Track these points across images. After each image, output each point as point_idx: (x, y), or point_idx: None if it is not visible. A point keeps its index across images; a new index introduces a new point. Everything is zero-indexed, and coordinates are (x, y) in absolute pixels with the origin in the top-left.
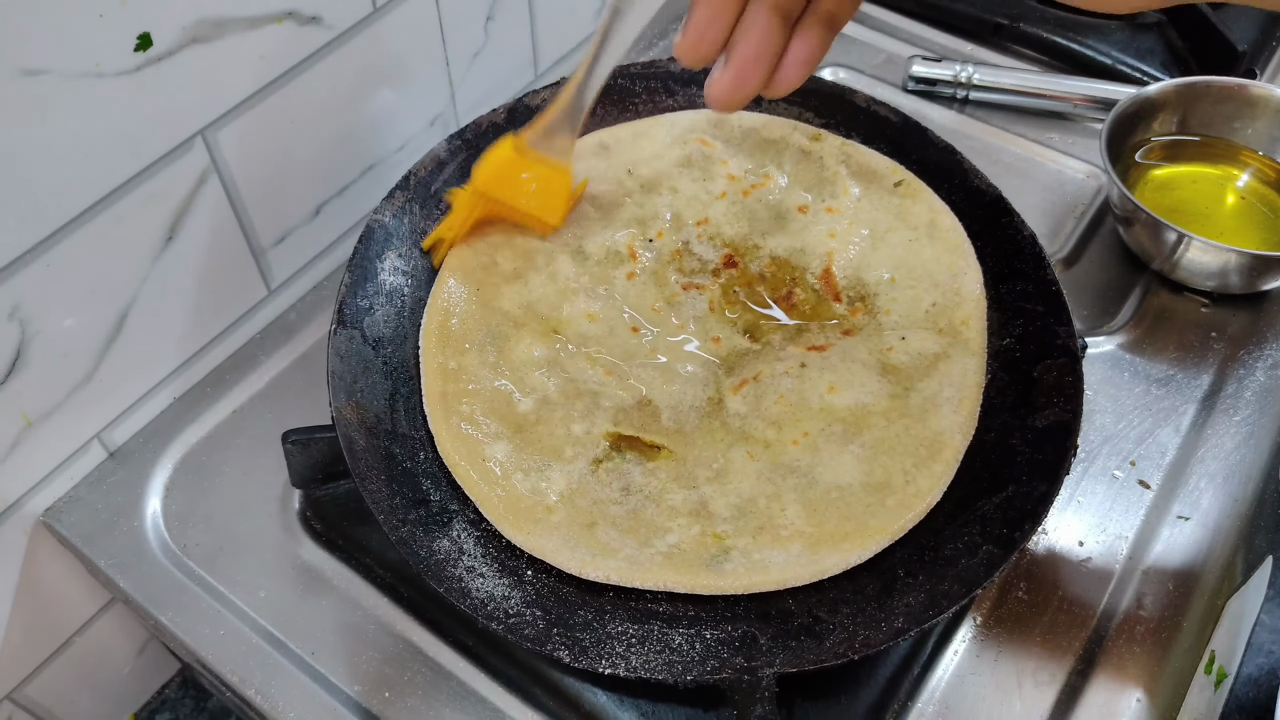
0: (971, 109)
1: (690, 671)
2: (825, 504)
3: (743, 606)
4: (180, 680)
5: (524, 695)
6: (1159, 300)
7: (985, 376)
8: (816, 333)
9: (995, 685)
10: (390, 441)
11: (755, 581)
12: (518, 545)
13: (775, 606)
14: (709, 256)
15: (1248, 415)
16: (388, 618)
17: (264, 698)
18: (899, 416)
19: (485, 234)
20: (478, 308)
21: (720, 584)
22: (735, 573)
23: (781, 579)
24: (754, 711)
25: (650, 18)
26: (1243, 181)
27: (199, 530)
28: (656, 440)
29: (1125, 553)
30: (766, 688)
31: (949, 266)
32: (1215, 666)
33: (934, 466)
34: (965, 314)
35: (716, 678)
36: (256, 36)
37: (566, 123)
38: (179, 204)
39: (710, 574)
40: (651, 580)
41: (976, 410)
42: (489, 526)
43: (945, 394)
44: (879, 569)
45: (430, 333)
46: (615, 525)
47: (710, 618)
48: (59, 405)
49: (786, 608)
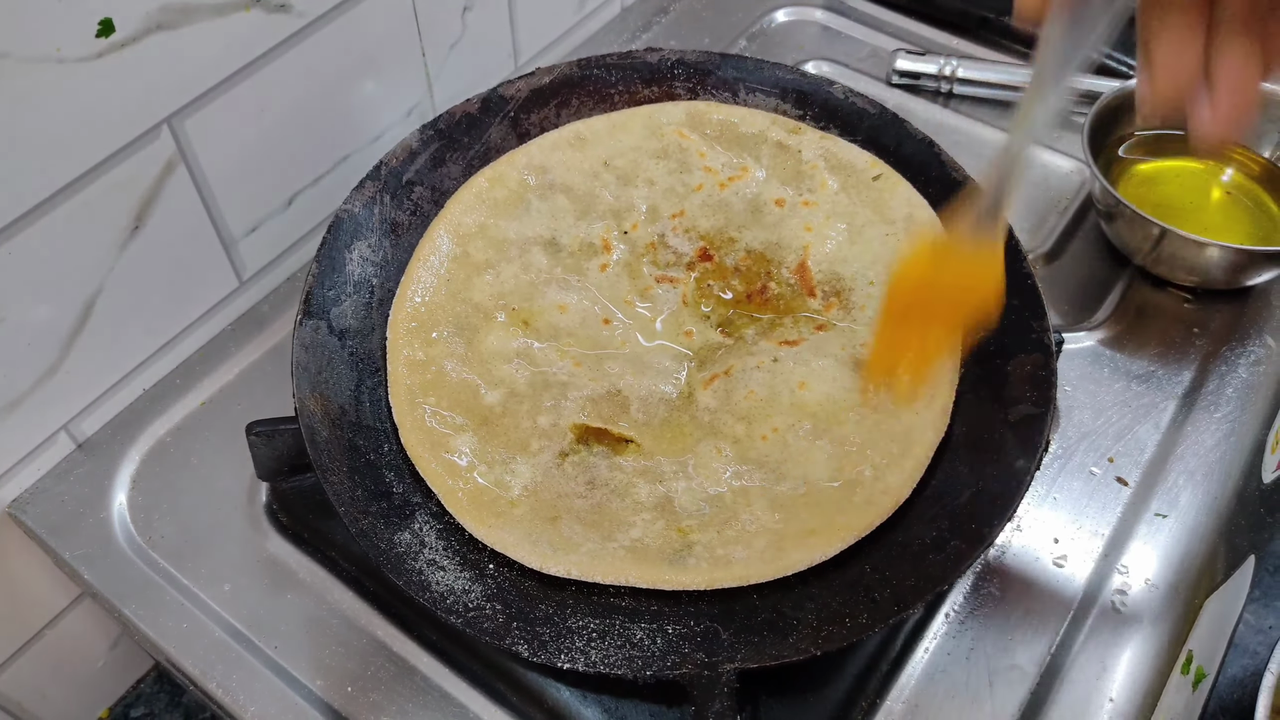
0: (956, 103)
1: (650, 666)
2: (793, 500)
3: (706, 602)
4: (155, 675)
5: (488, 691)
6: (1141, 296)
7: (958, 372)
8: (790, 327)
9: (966, 683)
10: (354, 433)
11: (717, 577)
12: (479, 539)
13: (740, 602)
14: (684, 249)
15: (1229, 412)
16: (352, 612)
17: (226, 691)
18: (870, 412)
19: (462, 228)
20: (447, 298)
21: (682, 579)
22: (698, 568)
23: (745, 575)
24: (712, 707)
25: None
26: (1228, 176)
27: (165, 523)
28: (625, 433)
29: (1101, 550)
30: (726, 683)
31: None
32: (1193, 666)
33: (904, 463)
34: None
35: (676, 673)
36: (223, 24)
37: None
38: (145, 192)
39: (673, 569)
40: (613, 575)
41: (949, 407)
42: (451, 520)
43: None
44: (846, 565)
45: (398, 323)
46: (579, 519)
47: (673, 613)
48: (25, 395)
49: (751, 603)
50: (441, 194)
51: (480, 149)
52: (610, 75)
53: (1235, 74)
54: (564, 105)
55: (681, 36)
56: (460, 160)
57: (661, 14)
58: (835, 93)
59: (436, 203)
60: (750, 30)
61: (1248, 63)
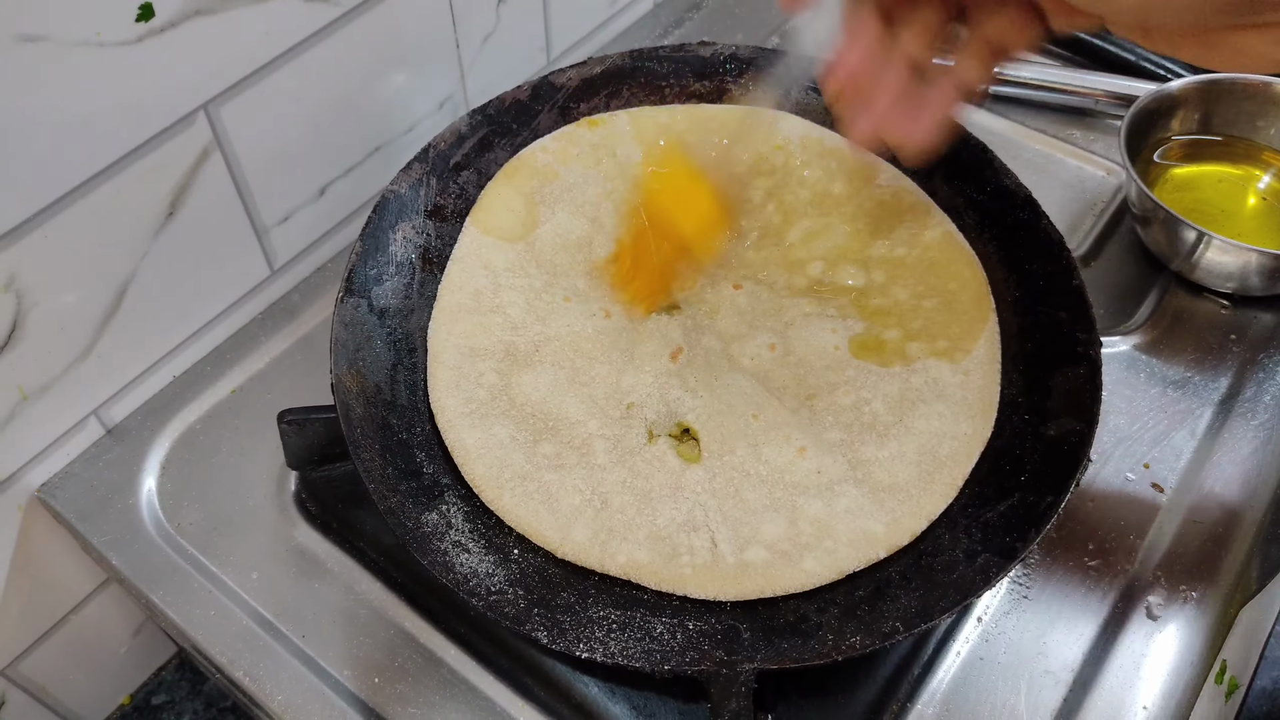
0: (992, 103)
1: (669, 661)
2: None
3: (729, 600)
4: (177, 663)
5: (515, 685)
6: (1177, 301)
7: (998, 383)
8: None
9: (998, 688)
10: (388, 412)
11: (747, 589)
12: (498, 514)
13: (763, 602)
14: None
15: (1266, 420)
16: (380, 603)
17: (252, 679)
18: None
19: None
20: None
21: (694, 585)
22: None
23: (763, 587)
24: (729, 705)
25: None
26: (1264, 183)
27: (194, 510)
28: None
29: (1137, 556)
30: (745, 683)
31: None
32: (1227, 677)
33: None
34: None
35: (695, 669)
36: (261, 11)
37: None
38: (180, 179)
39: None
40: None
41: (992, 418)
42: (479, 503)
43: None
44: (873, 572)
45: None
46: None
47: (694, 609)
48: (56, 380)
49: (774, 604)
50: (487, 179)
51: (528, 136)
52: (662, 67)
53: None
54: (614, 95)
55: (714, 32)
56: (508, 146)
57: (694, 9)
58: None
59: (481, 187)
60: (783, 27)
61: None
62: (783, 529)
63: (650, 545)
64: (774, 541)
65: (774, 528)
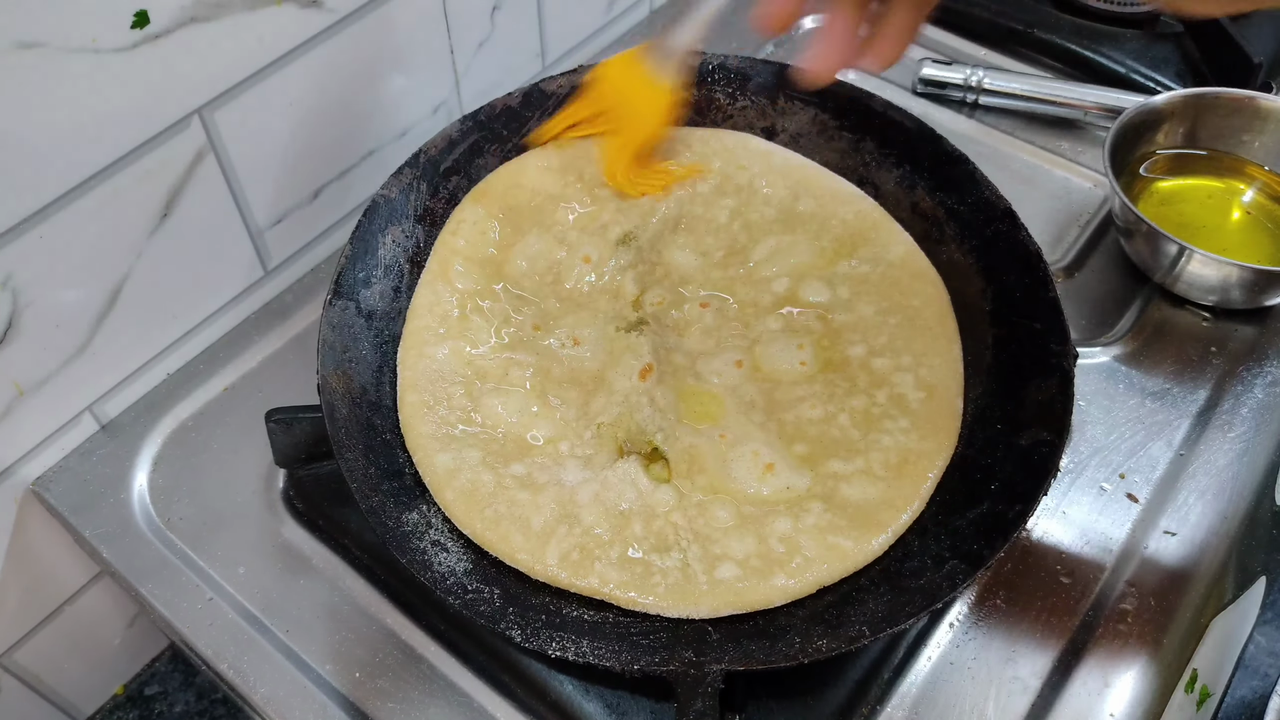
0: (980, 114)
1: (638, 661)
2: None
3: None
4: (170, 654)
5: (492, 681)
6: (1159, 313)
7: (960, 405)
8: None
9: (968, 693)
10: (372, 413)
11: (719, 606)
12: (470, 537)
13: None
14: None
15: (1243, 432)
16: (364, 600)
17: (236, 673)
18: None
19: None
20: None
21: (667, 604)
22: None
23: (734, 604)
24: (694, 705)
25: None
26: (1248, 197)
27: (184, 505)
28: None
29: (1109, 565)
30: (711, 683)
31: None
32: (1198, 685)
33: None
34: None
35: (663, 669)
36: (256, 18)
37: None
38: (175, 181)
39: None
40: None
41: (957, 429)
42: None
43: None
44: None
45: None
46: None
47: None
48: (51, 376)
49: None
50: (477, 184)
51: (518, 142)
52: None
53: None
54: None
55: (709, 41)
56: (498, 152)
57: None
58: (874, 105)
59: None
60: (778, 37)
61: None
62: (753, 546)
63: (622, 565)
64: (745, 559)
65: (744, 545)
